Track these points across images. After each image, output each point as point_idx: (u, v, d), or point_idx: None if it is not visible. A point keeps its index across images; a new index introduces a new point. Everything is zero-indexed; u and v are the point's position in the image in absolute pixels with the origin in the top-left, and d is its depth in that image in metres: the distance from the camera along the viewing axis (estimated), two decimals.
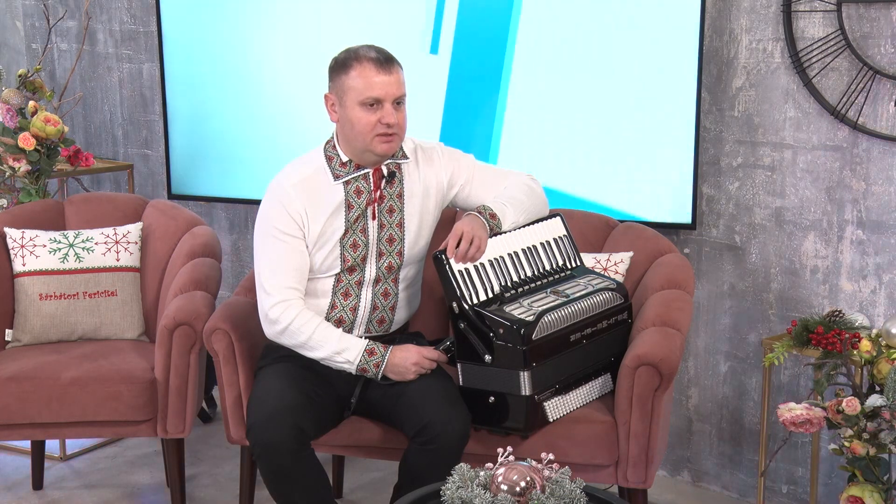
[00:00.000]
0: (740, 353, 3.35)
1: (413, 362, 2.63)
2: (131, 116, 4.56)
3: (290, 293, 2.64)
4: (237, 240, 4.40)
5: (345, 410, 2.73)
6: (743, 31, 3.17)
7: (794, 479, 3.29)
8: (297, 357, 2.68)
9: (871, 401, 2.51)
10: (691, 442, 3.51)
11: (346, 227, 2.67)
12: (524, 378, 2.52)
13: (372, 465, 3.56)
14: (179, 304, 2.97)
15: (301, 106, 3.74)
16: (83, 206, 3.50)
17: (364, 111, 2.58)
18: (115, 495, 3.45)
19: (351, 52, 2.63)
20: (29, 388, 2.95)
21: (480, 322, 2.54)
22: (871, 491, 2.54)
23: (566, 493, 2.00)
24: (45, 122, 3.58)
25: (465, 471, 2.06)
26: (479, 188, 2.79)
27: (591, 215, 3.15)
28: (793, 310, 3.19)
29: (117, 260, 3.33)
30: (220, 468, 3.63)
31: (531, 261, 2.74)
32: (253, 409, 2.59)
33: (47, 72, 4.73)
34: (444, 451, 2.52)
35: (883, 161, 2.99)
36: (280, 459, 2.52)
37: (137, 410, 2.98)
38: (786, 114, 3.14)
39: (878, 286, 3.04)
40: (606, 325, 2.74)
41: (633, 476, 2.64)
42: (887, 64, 2.93)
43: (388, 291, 2.76)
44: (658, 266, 2.95)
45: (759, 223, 3.24)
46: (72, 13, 4.62)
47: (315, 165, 2.69)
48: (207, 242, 3.33)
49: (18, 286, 3.27)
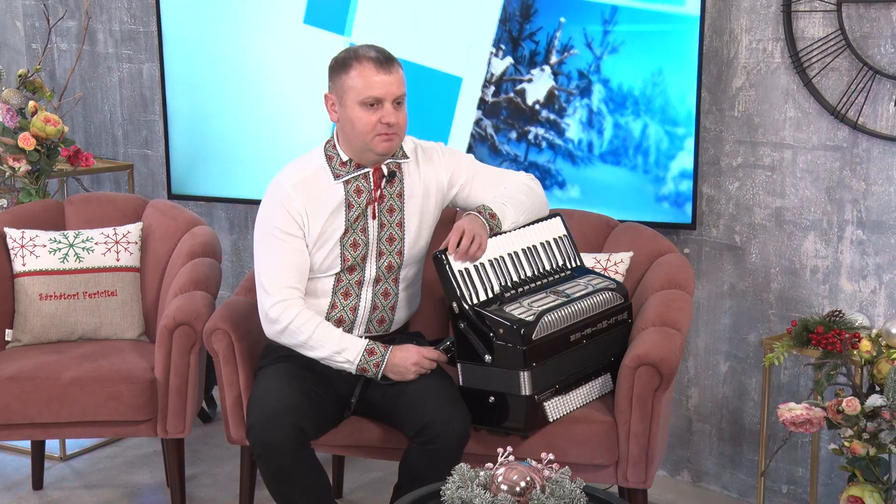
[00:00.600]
0: (740, 353, 3.35)
1: (413, 362, 2.63)
2: (131, 116, 4.56)
3: (290, 293, 2.64)
4: (237, 240, 4.40)
5: (345, 410, 2.73)
6: (743, 31, 3.17)
7: (794, 479, 3.28)
8: (297, 357, 2.68)
9: (871, 401, 2.51)
10: (691, 442, 3.51)
11: (346, 226, 2.67)
12: (524, 378, 2.52)
13: (372, 465, 3.56)
14: (179, 304, 2.97)
15: (301, 106, 3.74)
16: (83, 206, 3.50)
17: (364, 111, 2.58)
18: (115, 495, 3.45)
19: (351, 51, 2.63)
20: (29, 388, 2.95)
21: (480, 322, 2.54)
22: (871, 491, 2.54)
23: (566, 493, 2.00)
24: (45, 122, 3.58)
25: (465, 471, 2.06)
26: (479, 188, 2.79)
27: (591, 215, 3.15)
28: (793, 310, 3.19)
29: (117, 260, 3.33)
30: (220, 468, 3.63)
31: (531, 261, 2.74)
32: (253, 409, 2.59)
33: (47, 72, 4.73)
34: (444, 451, 2.52)
35: (883, 161, 2.99)
36: (280, 459, 2.52)
37: (137, 410, 2.98)
38: (786, 114, 3.14)
39: (878, 286, 3.04)
40: (606, 325, 2.74)
41: (633, 476, 2.64)
42: (887, 64, 2.93)
43: (388, 291, 2.76)
44: (658, 266, 2.95)
45: (759, 223, 3.24)
46: (72, 13, 4.62)
47: (315, 165, 2.69)
48: (207, 242, 3.33)
49: (18, 286, 3.27)
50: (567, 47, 3.35)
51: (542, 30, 3.38)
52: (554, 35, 3.37)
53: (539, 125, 3.44)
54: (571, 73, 3.36)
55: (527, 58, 3.43)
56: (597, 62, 3.32)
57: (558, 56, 3.38)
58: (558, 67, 3.39)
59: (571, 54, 3.36)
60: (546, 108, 3.42)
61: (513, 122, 3.49)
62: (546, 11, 3.37)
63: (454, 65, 3.55)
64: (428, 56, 3.56)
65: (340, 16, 3.66)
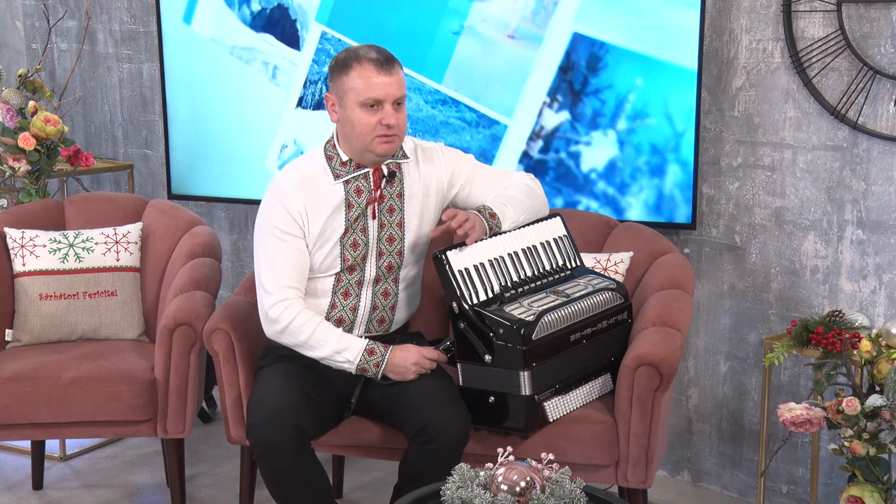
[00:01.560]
0: (740, 353, 3.35)
1: (413, 362, 2.63)
2: (131, 116, 4.56)
3: (290, 292, 2.64)
4: (237, 240, 4.40)
5: (345, 410, 2.73)
6: (743, 31, 3.17)
7: (794, 479, 3.29)
8: (298, 357, 2.68)
9: (871, 401, 2.51)
10: (691, 442, 3.51)
11: (346, 226, 2.67)
12: (524, 378, 2.52)
13: (372, 465, 3.56)
14: (179, 304, 2.97)
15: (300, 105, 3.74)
16: (83, 206, 3.50)
17: (364, 112, 2.58)
18: (115, 495, 3.45)
19: (351, 52, 2.63)
20: (29, 388, 2.95)
21: (480, 322, 2.54)
22: (871, 491, 2.54)
23: (566, 493, 2.00)
24: (45, 122, 3.58)
25: (465, 471, 2.06)
26: (480, 188, 2.79)
27: (591, 215, 3.15)
28: (793, 310, 3.19)
29: (117, 260, 3.33)
30: (220, 468, 3.63)
31: (531, 261, 2.74)
32: (253, 408, 2.59)
33: (47, 72, 4.73)
34: (444, 451, 2.52)
35: (883, 161, 2.99)
36: (280, 459, 2.52)
37: (137, 410, 2.98)
38: (786, 114, 3.14)
39: (878, 286, 3.04)
40: (606, 325, 2.74)
41: (633, 476, 2.64)
42: (887, 64, 2.93)
43: (388, 291, 2.76)
44: (658, 266, 2.95)
45: (759, 223, 3.24)
46: (72, 13, 4.62)
47: (315, 165, 2.69)
48: (207, 242, 3.33)
49: (18, 286, 3.27)
50: (641, 114, 2.88)
51: (611, 88, 2.94)
52: (626, 97, 2.91)
53: (593, 196, 3.02)
54: (642, 146, 2.92)
55: (588, 117, 2.96)
56: (677, 139, 2.93)
57: (629, 122, 2.93)
58: (626, 135, 2.95)
59: (646, 124, 2.93)
60: (605, 179, 3.00)
61: (560, 186, 3.09)
62: (619, 67, 2.91)
63: (499, 107, 3.10)
64: (469, 91, 3.13)
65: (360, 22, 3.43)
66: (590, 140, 3.03)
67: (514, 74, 3.11)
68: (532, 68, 3.07)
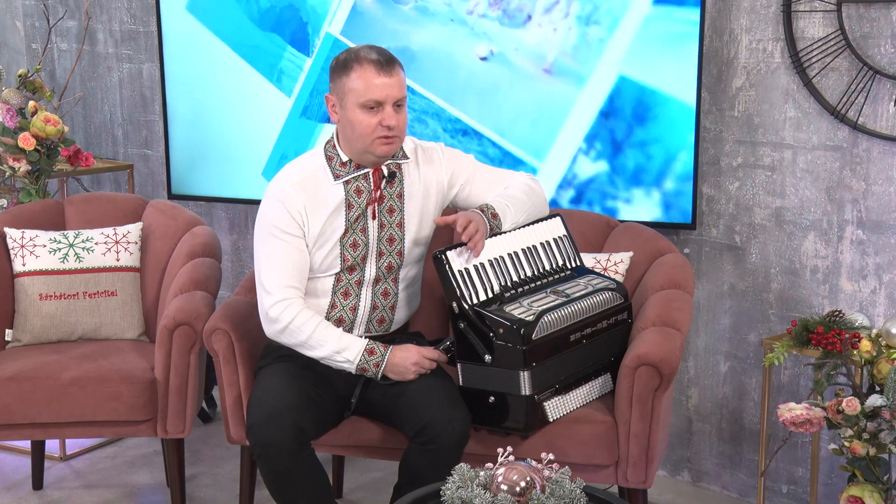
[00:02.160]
0: (740, 353, 3.35)
1: (413, 362, 2.63)
2: (131, 116, 4.56)
3: (290, 292, 2.64)
4: (237, 240, 4.40)
5: (345, 410, 2.73)
6: (743, 31, 3.17)
7: (794, 479, 3.29)
8: (298, 357, 2.68)
9: (871, 401, 2.51)
10: (691, 442, 3.51)
11: (346, 226, 2.67)
12: (524, 378, 2.52)
13: (372, 465, 3.56)
14: (179, 304, 2.98)
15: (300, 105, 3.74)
16: (83, 206, 3.50)
17: (364, 113, 2.58)
18: (115, 495, 3.45)
19: (351, 52, 2.63)
20: (29, 388, 2.95)
21: (480, 322, 2.54)
22: (871, 491, 2.54)
23: (566, 493, 2.00)
24: (45, 122, 3.58)
25: (465, 471, 2.06)
26: (480, 188, 2.79)
27: (591, 215, 3.15)
28: (793, 310, 3.19)
29: (117, 260, 3.33)
30: (220, 468, 3.63)
31: (531, 261, 2.74)
32: (253, 408, 2.59)
33: (47, 72, 4.73)
34: (444, 451, 2.52)
35: (883, 161, 2.99)
36: (280, 459, 2.52)
37: (137, 410, 2.98)
38: (786, 114, 3.14)
39: (878, 286, 3.04)
40: (606, 325, 2.74)
41: (633, 476, 2.64)
42: (887, 64, 2.93)
43: (387, 291, 2.76)
44: (658, 266, 2.95)
45: (759, 223, 3.24)
46: (72, 13, 4.62)
47: (315, 165, 2.69)
48: (207, 242, 3.33)
49: (18, 286, 3.27)
50: (692, 177, 2.55)
51: (658, 142, 2.59)
52: (676, 156, 2.60)
53: None
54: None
55: (630, 171, 2.64)
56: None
57: (678, 184, 2.62)
58: (674, 198, 2.62)
59: None
60: None
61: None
62: (670, 120, 2.57)
63: (527, 147, 2.80)
64: (494, 125, 2.84)
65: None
66: (629, 197, 2.76)
67: (547, 113, 2.84)
68: (569, 109, 2.80)
